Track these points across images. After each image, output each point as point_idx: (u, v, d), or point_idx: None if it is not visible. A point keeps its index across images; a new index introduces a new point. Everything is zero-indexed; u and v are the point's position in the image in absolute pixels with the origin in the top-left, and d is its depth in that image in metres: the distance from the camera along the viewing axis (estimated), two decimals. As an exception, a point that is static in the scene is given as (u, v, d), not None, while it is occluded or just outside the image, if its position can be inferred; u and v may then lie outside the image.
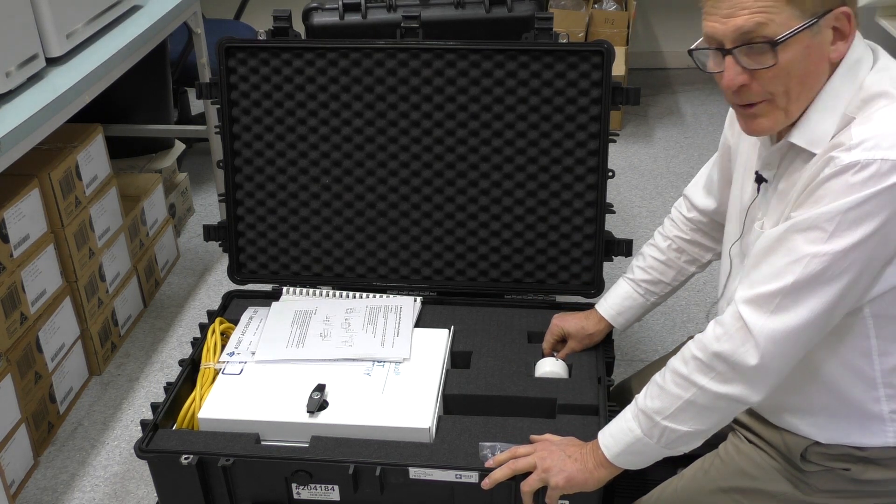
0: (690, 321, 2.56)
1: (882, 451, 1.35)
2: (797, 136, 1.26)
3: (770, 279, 1.21)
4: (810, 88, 1.24)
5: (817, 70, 1.23)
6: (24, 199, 2.12)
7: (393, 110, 1.88)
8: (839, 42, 1.22)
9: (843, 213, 1.15)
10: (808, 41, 1.20)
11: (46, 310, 2.23)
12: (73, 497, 2.09)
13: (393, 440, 1.52)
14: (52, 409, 2.26)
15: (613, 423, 1.40)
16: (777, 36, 1.18)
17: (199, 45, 2.84)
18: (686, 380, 1.29)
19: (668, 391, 1.31)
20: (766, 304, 1.22)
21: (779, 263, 1.21)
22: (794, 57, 1.20)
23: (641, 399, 1.35)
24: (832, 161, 1.17)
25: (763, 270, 1.23)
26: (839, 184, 1.16)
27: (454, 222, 1.92)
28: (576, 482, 1.39)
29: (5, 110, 1.91)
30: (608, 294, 1.76)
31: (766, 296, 1.22)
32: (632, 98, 1.82)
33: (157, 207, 2.83)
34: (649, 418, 1.33)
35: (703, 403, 1.29)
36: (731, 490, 1.45)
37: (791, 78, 1.22)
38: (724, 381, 1.26)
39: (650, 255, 1.71)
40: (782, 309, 1.21)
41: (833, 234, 1.16)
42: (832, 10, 1.19)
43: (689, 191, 1.69)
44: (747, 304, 1.24)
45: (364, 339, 1.74)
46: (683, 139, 3.76)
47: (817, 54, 1.21)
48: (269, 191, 1.94)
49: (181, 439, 1.55)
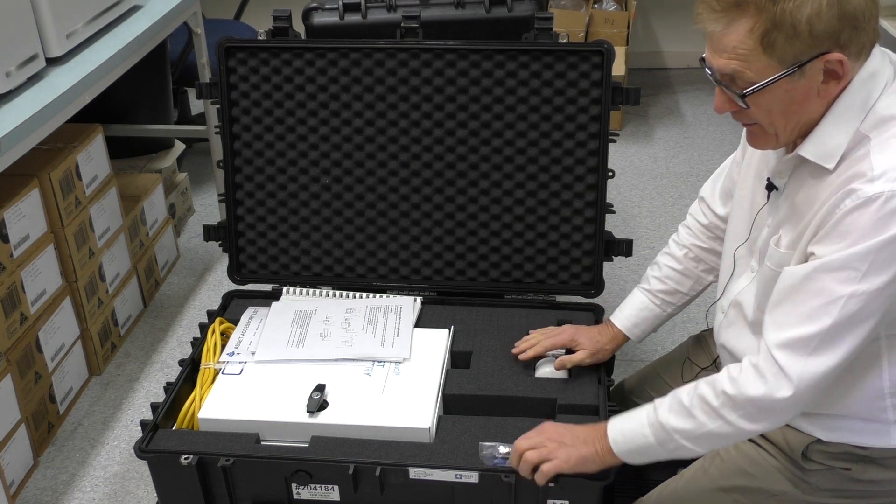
0: (690, 321, 2.55)
1: (883, 452, 1.35)
2: (807, 150, 1.24)
3: (804, 322, 1.20)
4: (798, 120, 1.23)
5: (803, 107, 1.21)
6: (24, 199, 2.12)
7: (393, 110, 1.88)
8: (832, 82, 1.18)
9: (876, 251, 1.14)
10: (789, 86, 1.18)
11: (46, 310, 2.23)
12: (73, 497, 2.09)
13: (393, 440, 1.52)
14: (51, 409, 2.26)
15: (626, 423, 1.37)
16: (749, 86, 1.18)
17: (199, 45, 2.84)
18: (715, 412, 1.27)
19: (694, 416, 1.29)
20: (803, 349, 1.20)
21: (811, 304, 1.19)
22: (770, 100, 1.20)
23: (663, 412, 1.32)
24: (854, 193, 1.16)
25: (794, 312, 1.21)
26: (865, 218, 1.14)
27: (454, 222, 1.92)
28: (581, 464, 1.39)
29: (5, 110, 1.91)
30: (623, 305, 1.71)
31: (804, 340, 1.20)
32: (632, 98, 1.81)
33: (157, 207, 2.83)
34: (667, 433, 1.31)
35: (726, 434, 1.28)
36: (732, 489, 1.45)
37: (773, 115, 1.22)
38: (754, 420, 1.26)
39: (666, 265, 1.67)
40: (820, 352, 1.20)
41: (867, 274, 1.15)
42: (820, 56, 1.15)
43: (706, 194, 1.64)
44: (782, 348, 1.22)
45: (364, 339, 1.74)
46: (683, 139, 3.76)
47: (801, 95, 1.20)
48: (269, 191, 1.94)
49: (181, 439, 1.55)
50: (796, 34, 1.13)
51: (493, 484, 1.45)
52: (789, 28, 1.13)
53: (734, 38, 1.17)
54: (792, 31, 1.13)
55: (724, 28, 1.18)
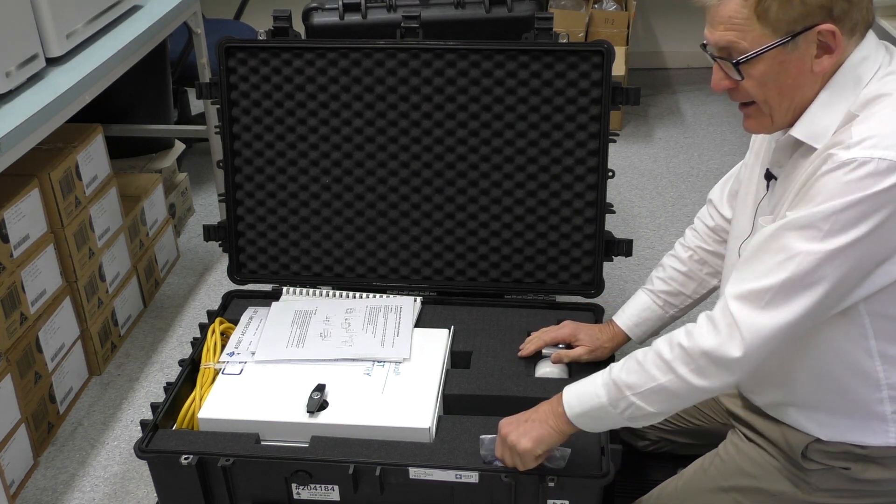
0: (691, 321, 2.55)
1: (883, 451, 1.35)
2: (798, 130, 1.26)
3: (762, 276, 1.21)
4: (791, 98, 1.25)
5: (797, 82, 1.23)
6: (24, 199, 2.12)
7: (393, 110, 1.88)
8: (824, 56, 1.21)
9: (839, 212, 1.15)
10: (783, 57, 1.20)
11: (46, 310, 2.23)
12: (72, 497, 2.09)
13: (393, 440, 1.52)
14: (51, 409, 2.26)
15: (581, 384, 1.37)
16: (741, 55, 1.21)
17: (199, 45, 2.84)
18: (667, 364, 1.27)
19: (645, 370, 1.29)
20: (756, 301, 1.21)
21: (772, 261, 1.20)
22: (765, 71, 1.22)
23: (616, 370, 1.32)
24: (830, 158, 1.17)
25: (755, 267, 1.22)
26: (834, 181, 1.16)
27: (454, 222, 1.92)
28: (543, 440, 1.37)
29: (5, 110, 1.91)
30: (626, 305, 1.71)
31: (758, 292, 1.21)
32: (632, 98, 1.82)
33: (157, 207, 2.83)
34: (619, 390, 1.30)
35: (675, 390, 1.27)
36: (731, 489, 1.45)
37: (768, 89, 1.24)
38: (704, 375, 1.25)
39: (670, 266, 1.67)
40: (773, 305, 1.20)
41: (828, 233, 1.16)
42: (812, 28, 1.18)
43: (715, 197, 1.64)
44: (737, 299, 1.23)
45: (364, 339, 1.74)
46: (683, 139, 3.76)
47: (796, 68, 1.22)
48: (269, 191, 1.94)
49: (181, 439, 1.55)
50: (789, 2, 1.17)
51: (493, 484, 1.45)
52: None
53: (730, 8, 1.20)
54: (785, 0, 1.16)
55: (719, 0, 1.21)
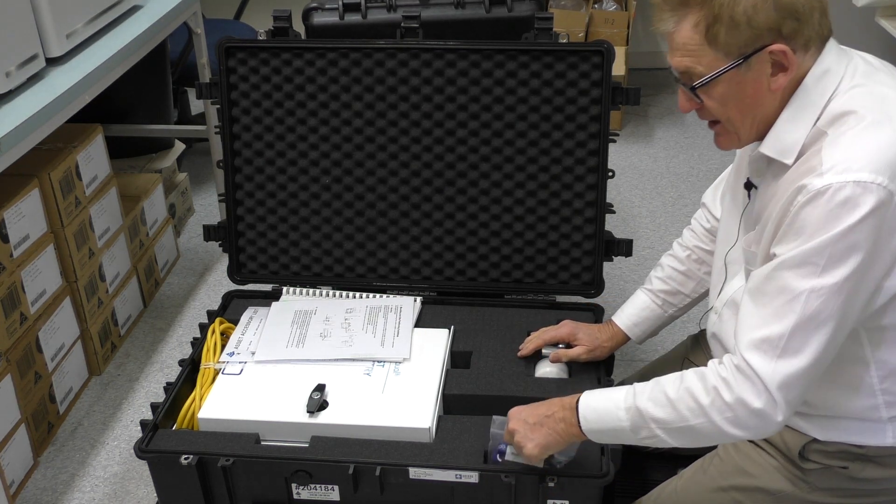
0: (691, 321, 2.55)
1: (880, 450, 1.35)
2: (767, 147, 1.27)
3: (770, 321, 1.19)
4: (753, 115, 1.26)
5: (756, 101, 1.25)
6: (24, 199, 2.12)
7: (393, 110, 1.88)
8: (780, 74, 1.22)
9: (832, 244, 1.15)
10: (739, 78, 1.22)
11: (46, 310, 2.23)
12: (72, 497, 2.09)
13: (393, 440, 1.52)
14: (51, 409, 2.26)
15: (601, 401, 1.33)
16: (698, 79, 1.24)
17: (199, 45, 2.84)
18: (701, 409, 1.23)
19: (676, 409, 1.25)
20: (771, 350, 1.19)
21: (776, 304, 1.19)
22: (724, 93, 1.24)
23: (643, 399, 1.29)
24: (804, 189, 1.17)
25: (760, 313, 1.21)
26: (817, 212, 1.15)
27: (454, 222, 1.92)
28: (549, 447, 1.37)
29: (5, 110, 1.91)
30: (625, 305, 1.71)
31: (771, 340, 1.19)
32: (632, 98, 1.82)
33: (157, 207, 2.83)
34: (644, 420, 1.28)
35: (706, 433, 1.25)
36: (731, 488, 1.45)
37: (728, 109, 1.26)
38: (738, 425, 1.22)
39: (669, 266, 1.68)
40: (789, 352, 1.18)
41: (826, 267, 1.16)
42: (763, 49, 1.19)
43: (708, 200, 1.65)
44: (752, 349, 1.20)
45: (364, 339, 1.74)
46: (683, 139, 3.76)
47: (752, 88, 1.23)
48: (269, 191, 1.94)
49: (181, 439, 1.55)
50: (735, 26, 1.18)
51: (493, 484, 1.46)
52: (728, 20, 1.18)
53: (683, 35, 1.23)
54: (731, 24, 1.18)
55: (674, 26, 1.24)
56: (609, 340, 1.69)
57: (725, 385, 1.22)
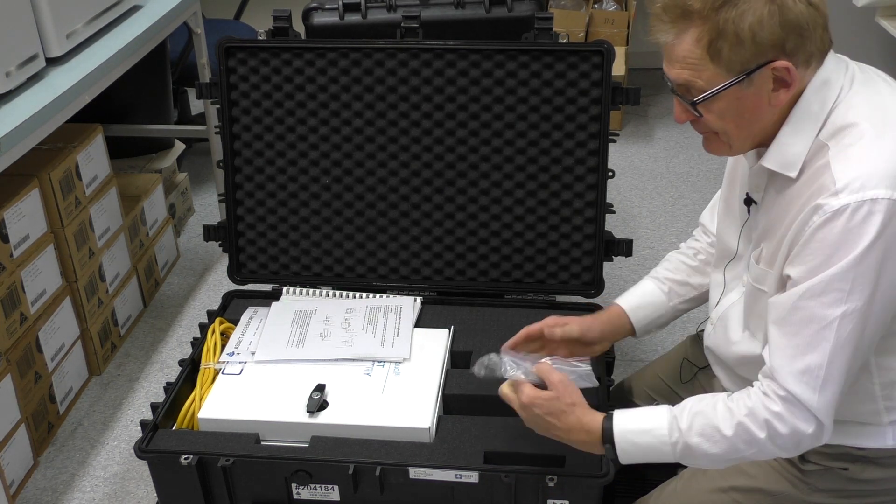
0: (691, 321, 2.54)
1: (881, 452, 1.35)
2: (769, 160, 1.26)
3: (805, 351, 1.20)
4: (750, 129, 1.25)
5: (755, 116, 1.23)
6: (24, 199, 2.12)
7: (393, 110, 1.88)
8: (781, 90, 1.20)
9: (855, 267, 1.15)
10: (739, 93, 1.20)
11: (46, 310, 2.23)
12: (72, 497, 2.09)
13: (393, 440, 1.52)
14: (51, 409, 2.26)
15: (641, 436, 1.31)
16: (699, 94, 1.22)
17: (199, 45, 2.84)
18: (757, 442, 1.24)
19: (733, 445, 1.25)
20: (813, 380, 1.20)
21: (806, 333, 1.19)
22: (723, 107, 1.22)
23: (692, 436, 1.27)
24: (820, 209, 1.16)
25: (792, 343, 1.21)
26: (835, 233, 1.15)
27: (454, 222, 1.92)
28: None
29: (5, 110, 1.91)
30: (628, 291, 1.64)
31: (812, 370, 1.20)
32: (632, 98, 1.82)
33: (157, 207, 2.83)
34: (694, 454, 1.28)
35: (755, 458, 1.29)
36: (730, 489, 1.45)
37: (727, 122, 1.24)
38: (792, 450, 1.27)
39: (677, 259, 1.64)
40: (830, 379, 1.20)
41: (851, 291, 1.16)
42: (767, 64, 1.17)
43: (706, 221, 1.63)
44: (795, 381, 1.21)
45: (364, 339, 1.74)
46: (683, 139, 3.76)
47: (753, 103, 1.22)
48: (269, 191, 1.94)
49: (181, 439, 1.55)
50: (740, 42, 1.16)
51: (493, 484, 1.46)
52: (733, 36, 1.16)
53: (684, 48, 1.21)
54: (735, 40, 1.16)
55: (674, 39, 1.21)
56: (606, 324, 1.59)
57: (778, 419, 1.23)
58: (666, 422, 1.30)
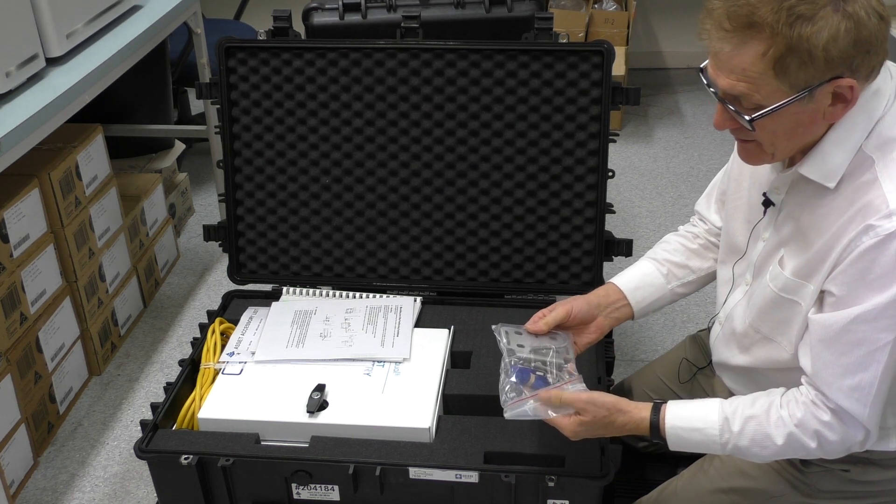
0: (690, 321, 2.55)
1: (883, 454, 1.35)
2: (809, 169, 1.23)
3: (855, 370, 1.21)
4: (800, 142, 1.22)
5: (807, 130, 1.20)
6: (24, 199, 2.12)
7: (393, 110, 1.88)
8: (839, 105, 1.16)
9: None
10: (797, 109, 1.16)
11: (46, 310, 2.23)
12: (72, 497, 2.09)
13: (393, 440, 1.52)
14: (51, 409, 2.26)
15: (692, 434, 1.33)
16: (756, 108, 1.16)
17: (199, 45, 2.84)
18: (808, 451, 1.28)
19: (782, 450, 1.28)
20: (864, 397, 1.22)
21: (857, 354, 1.20)
22: (777, 123, 1.18)
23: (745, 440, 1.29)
24: (872, 230, 1.15)
25: (841, 362, 1.22)
26: (888, 258, 1.14)
27: (454, 222, 1.92)
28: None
29: (5, 110, 1.91)
30: (623, 271, 1.60)
31: (862, 388, 1.22)
32: (632, 98, 1.81)
33: (157, 207, 2.83)
34: (744, 454, 1.32)
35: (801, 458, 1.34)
36: (731, 490, 1.45)
37: (776, 137, 1.20)
38: (838, 454, 1.29)
39: (676, 241, 1.61)
40: (879, 394, 1.23)
41: None
42: (831, 81, 1.13)
43: (702, 209, 1.62)
44: (846, 398, 1.22)
45: (364, 339, 1.74)
46: (683, 139, 3.76)
47: (808, 118, 1.18)
48: (269, 191, 1.94)
49: (181, 439, 1.55)
50: (811, 59, 1.10)
51: (493, 484, 1.45)
52: (804, 54, 1.10)
53: (744, 60, 1.14)
54: (807, 57, 1.10)
55: (733, 48, 1.14)
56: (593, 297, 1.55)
57: (829, 428, 1.25)
58: (717, 422, 1.31)
